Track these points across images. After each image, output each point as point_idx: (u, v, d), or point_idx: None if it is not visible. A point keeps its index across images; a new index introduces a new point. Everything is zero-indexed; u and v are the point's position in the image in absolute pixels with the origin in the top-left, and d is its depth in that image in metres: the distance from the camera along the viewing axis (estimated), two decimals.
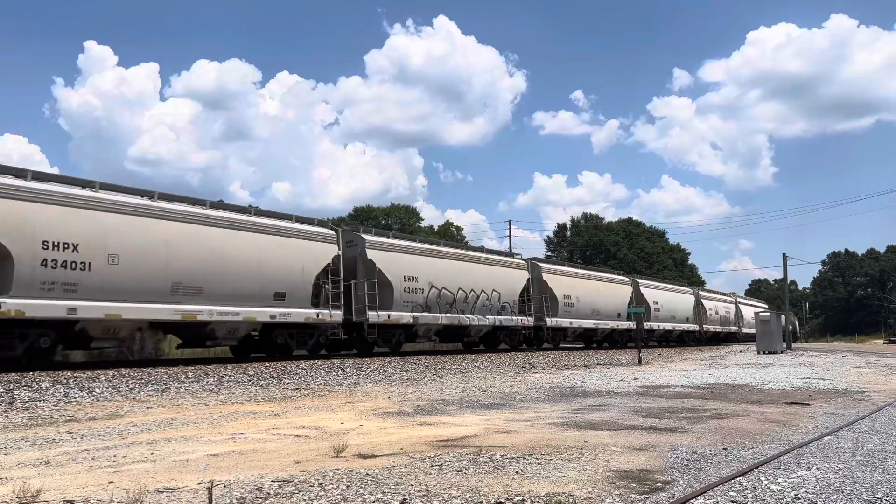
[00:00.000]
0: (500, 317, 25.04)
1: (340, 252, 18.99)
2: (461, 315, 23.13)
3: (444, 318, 22.31)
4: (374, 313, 19.55)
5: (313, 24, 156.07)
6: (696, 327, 44.04)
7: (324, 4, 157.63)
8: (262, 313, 16.55)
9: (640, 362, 22.20)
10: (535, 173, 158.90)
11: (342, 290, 18.79)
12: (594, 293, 30.98)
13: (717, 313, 47.31)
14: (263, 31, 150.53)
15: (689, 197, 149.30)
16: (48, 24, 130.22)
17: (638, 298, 34.90)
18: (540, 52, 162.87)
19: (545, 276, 27.79)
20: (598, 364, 21.47)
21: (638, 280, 36.88)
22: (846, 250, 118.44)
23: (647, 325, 34.82)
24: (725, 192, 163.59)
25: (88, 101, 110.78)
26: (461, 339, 25.11)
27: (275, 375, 13.99)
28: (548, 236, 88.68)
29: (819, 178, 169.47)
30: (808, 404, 10.08)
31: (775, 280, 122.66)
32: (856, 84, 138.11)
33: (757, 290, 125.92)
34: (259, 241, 16.70)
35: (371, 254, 19.99)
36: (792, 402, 10.30)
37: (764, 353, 30.39)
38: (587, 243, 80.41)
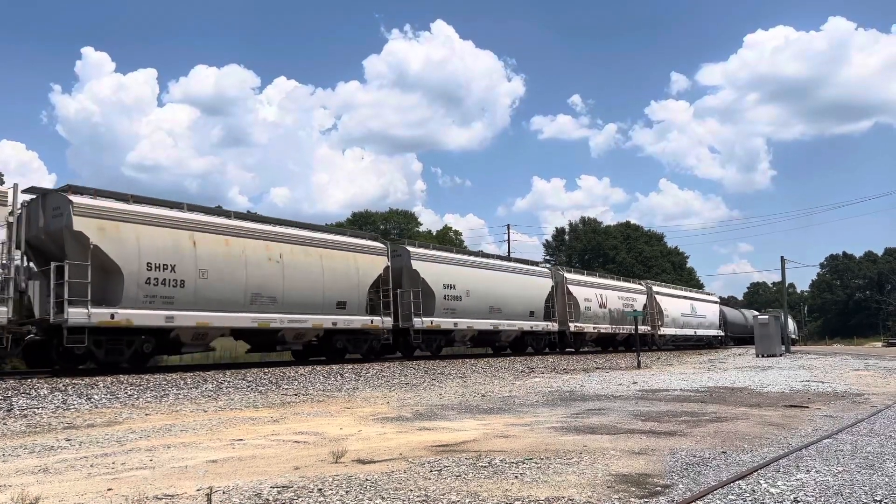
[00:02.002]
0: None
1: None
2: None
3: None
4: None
5: (312, 29, 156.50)
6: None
7: (322, 10, 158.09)
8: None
9: (639, 366, 22.21)
10: (533, 177, 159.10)
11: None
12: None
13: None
14: (262, 37, 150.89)
15: (688, 200, 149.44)
16: (45, 31, 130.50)
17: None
18: (538, 57, 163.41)
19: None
20: (597, 368, 21.46)
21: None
22: (844, 253, 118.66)
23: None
24: (724, 195, 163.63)
25: (86, 107, 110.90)
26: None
27: (273, 381, 13.97)
28: (546, 240, 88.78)
29: (817, 181, 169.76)
30: (808, 407, 10.09)
31: (774, 283, 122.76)
32: (854, 87, 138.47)
33: (755, 293, 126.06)
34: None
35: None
36: (791, 405, 10.30)
37: (763, 356, 30.39)
38: (585, 247, 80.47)
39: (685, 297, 42.25)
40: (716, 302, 48.83)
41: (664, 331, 37.08)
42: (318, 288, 18.07)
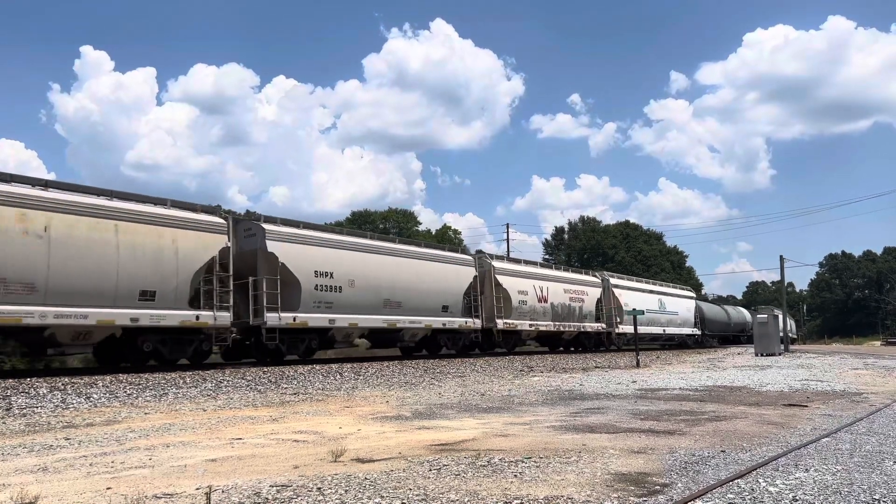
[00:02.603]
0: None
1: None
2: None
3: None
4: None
5: (311, 28, 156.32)
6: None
7: (321, 9, 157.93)
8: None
9: (638, 365, 22.22)
10: (533, 176, 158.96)
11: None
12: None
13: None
14: (261, 36, 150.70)
15: (688, 200, 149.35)
16: (44, 29, 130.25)
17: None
18: (537, 56, 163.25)
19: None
20: (596, 367, 21.47)
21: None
22: (843, 252, 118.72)
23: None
24: (723, 194, 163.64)
25: (85, 106, 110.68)
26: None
27: (273, 381, 13.97)
28: (546, 239, 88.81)
29: (816, 181, 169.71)
30: (807, 406, 10.09)
31: (773, 282, 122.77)
32: (853, 86, 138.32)
33: (754, 292, 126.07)
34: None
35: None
36: (790, 404, 10.31)
37: (762, 355, 30.40)
38: (585, 246, 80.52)
39: (652, 292, 37.79)
40: (691, 297, 44.43)
41: (625, 328, 32.71)
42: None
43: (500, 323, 25.23)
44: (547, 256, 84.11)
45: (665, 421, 8.34)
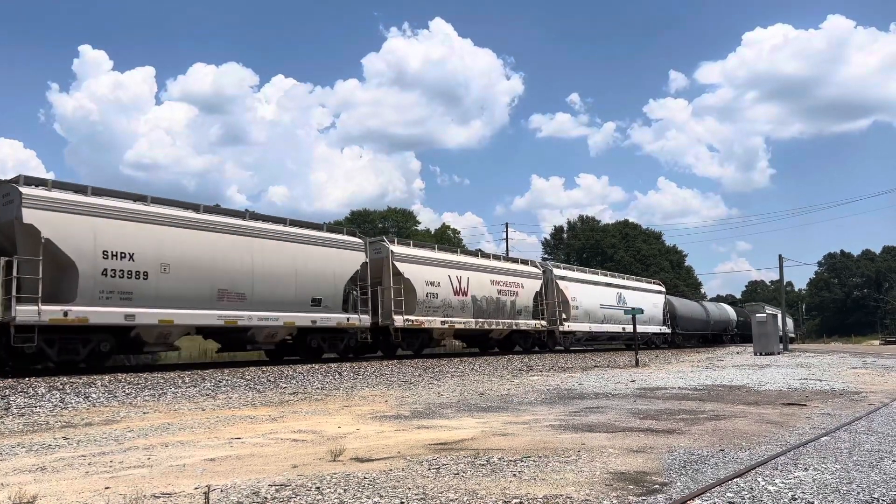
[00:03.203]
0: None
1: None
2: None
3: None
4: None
5: (310, 27, 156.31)
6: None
7: (320, 8, 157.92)
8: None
9: (637, 364, 22.23)
10: (532, 176, 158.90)
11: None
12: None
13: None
14: (260, 35, 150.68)
15: (687, 199, 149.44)
16: (42, 29, 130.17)
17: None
18: (536, 55, 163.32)
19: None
20: (595, 366, 21.48)
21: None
22: (842, 251, 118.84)
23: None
24: (723, 193, 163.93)
25: (84, 105, 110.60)
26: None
27: (272, 380, 13.96)
28: (545, 238, 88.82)
29: (816, 180, 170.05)
30: (805, 405, 10.10)
31: (772, 281, 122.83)
32: (852, 85, 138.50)
33: (753, 291, 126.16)
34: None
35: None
36: (789, 403, 10.32)
37: (761, 354, 30.42)
38: (584, 246, 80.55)
39: (609, 285, 33.77)
40: (659, 291, 39.06)
41: (572, 326, 29.30)
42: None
43: (400, 320, 21.12)
44: (546, 256, 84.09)
45: (664, 420, 8.34)
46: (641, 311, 27.97)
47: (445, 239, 58.98)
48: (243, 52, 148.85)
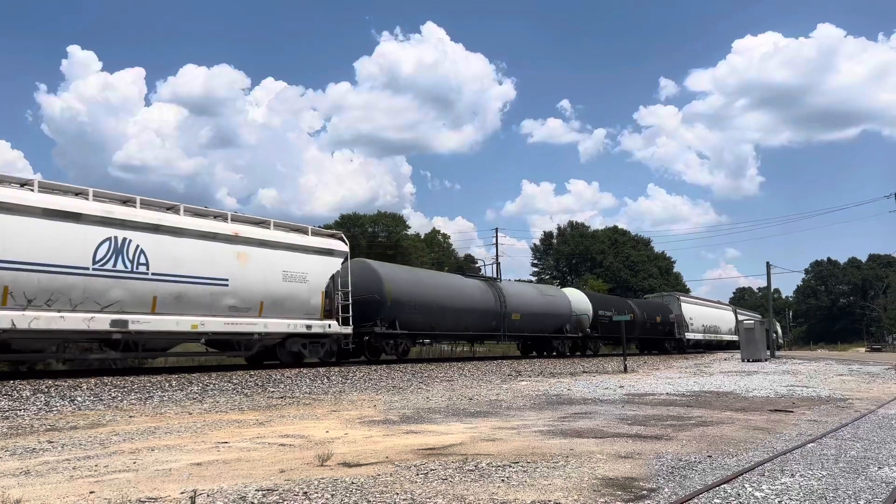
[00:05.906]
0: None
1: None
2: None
3: None
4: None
5: (302, 30, 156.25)
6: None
7: (312, 11, 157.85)
8: None
9: (625, 370, 22.29)
10: (522, 181, 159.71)
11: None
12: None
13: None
14: (252, 37, 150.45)
15: (676, 206, 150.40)
16: (30, 29, 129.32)
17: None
18: (528, 60, 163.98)
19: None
20: (583, 372, 21.52)
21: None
22: (829, 259, 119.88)
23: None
24: (712, 200, 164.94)
25: (72, 106, 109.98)
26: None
27: (259, 384, 13.89)
28: (534, 244, 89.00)
29: (804, 188, 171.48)
30: (792, 412, 10.15)
31: (759, 288, 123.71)
32: (842, 94, 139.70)
33: (741, 297, 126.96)
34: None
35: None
36: (776, 410, 10.37)
37: (748, 360, 30.58)
38: (573, 251, 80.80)
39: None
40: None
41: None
42: None
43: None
44: (535, 261, 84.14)
45: (652, 426, 8.36)
46: (628, 319, 28.39)
47: (436, 244, 58.92)
48: (235, 54, 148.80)
